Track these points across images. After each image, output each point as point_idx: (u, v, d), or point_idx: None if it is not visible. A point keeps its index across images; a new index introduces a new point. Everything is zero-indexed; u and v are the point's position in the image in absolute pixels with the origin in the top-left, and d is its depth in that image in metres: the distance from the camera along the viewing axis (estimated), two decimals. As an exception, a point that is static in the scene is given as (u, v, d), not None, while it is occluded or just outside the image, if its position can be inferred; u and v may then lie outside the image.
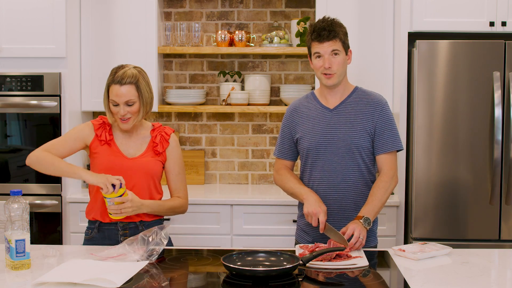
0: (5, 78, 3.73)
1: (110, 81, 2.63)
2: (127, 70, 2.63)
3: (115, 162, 2.65)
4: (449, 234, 3.49)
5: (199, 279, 2.25)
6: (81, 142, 2.69)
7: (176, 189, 2.77)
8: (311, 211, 2.56)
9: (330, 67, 2.61)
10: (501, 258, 2.51)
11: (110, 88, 2.62)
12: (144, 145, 2.72)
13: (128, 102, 2.60)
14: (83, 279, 2.03)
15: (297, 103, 2.82)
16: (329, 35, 2.60)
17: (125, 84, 2.59)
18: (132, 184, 2.64)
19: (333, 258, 2.32)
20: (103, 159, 2.66)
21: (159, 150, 2.71)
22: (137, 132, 2.73)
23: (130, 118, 2.63)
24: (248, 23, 4.26)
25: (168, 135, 2.75)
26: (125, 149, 2.70)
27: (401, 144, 2.73)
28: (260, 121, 4.28)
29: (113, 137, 2.71)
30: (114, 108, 2.63)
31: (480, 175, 3.47)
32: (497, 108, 3.40)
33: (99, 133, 2.69)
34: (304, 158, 2.76)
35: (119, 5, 3.94)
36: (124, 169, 2.64)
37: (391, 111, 3.80)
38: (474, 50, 3.45)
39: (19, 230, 2.22)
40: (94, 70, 3.95)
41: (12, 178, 3.78)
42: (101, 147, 2.68)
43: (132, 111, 2.62)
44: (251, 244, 3.64)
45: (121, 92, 2.59)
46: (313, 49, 2.65)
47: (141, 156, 2.69)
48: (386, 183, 2.64)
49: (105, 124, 2.72)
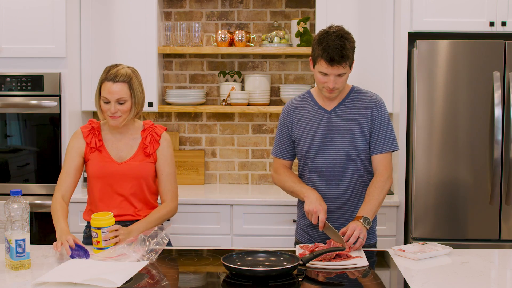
0: (5, 78, 3.73)
1: (103, 78, 2.63)
2: (120, 68, 2.63)
3: (105, 169, 2.66)
4: (449, 234, 3.50)
5: (199, 279, 2.25)
6: (79, 156, 2.71)
7: (165, 191, 2.74)
8: (311, 209, 2.56)
9: (334, 87, 2.60)
10: (501, 258, 2.51)
11: (102, 85, 2.63)
12: (135, 147, 2.72)
13: (119, 100, 2.60)
14: (83, 279, 2.03)
15: (294, 103, 2.80)
16: (340, 60, 2.52)
17: (118, 82, 2.60)
18: (124, 189, 2.65)
19: (333, 258, 2.32)
20: (94, 166, 2.68)
21: (149, 151, 2.70)
22: (128, 133, 2.73)
23: (120, 116, 2.63)
24: (248, 23, 4.26)
25: (158, 136, 2.73)
26: (115, 153, 2.70)
27: (397, 145, 2.73)
28: (260, 121, 4.28)
29: (103, 142, 2.71)
30: (104, 105, 2.63)
31: (480, 175, 3.47)
32: (497, 108, 3.40)
33: (88, 140, 2.70)
34: (302, 160, 2.75)
35: (119, 5, 3.94)
36: (115, 175, 2.65)
37: (391, 110, 3.84)
38: (474, 50, 3.45)
39: (19, 230, 2.22)
40: (94, 70, 3.95)
41: (12, 178, 3.78)
42: (92, 154, 2.69)
43: (123, 109, 2.62)
44: (251, 244, 3.64)
45: (113, 89, 2.59)
46: (319, 66, 2.57)
47: (131, 159, 2.69)
48: (382, 183, 2.64)
49: (94, 129, 2.73)
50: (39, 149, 3.78)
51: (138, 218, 2.67)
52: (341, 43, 2.53)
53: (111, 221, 2.46)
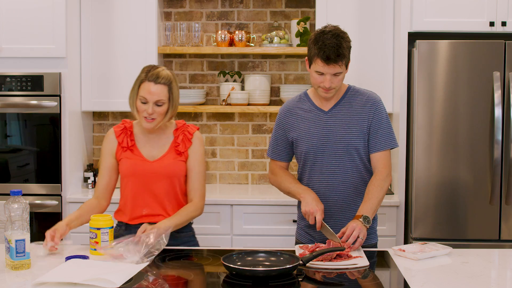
0: (5, 78, 3.73)
1: (143, 78, 2.60)
2: (161, 70, 2.61)
3: (136, 167, 2.65)
4: (449, 234, 3.49)
5: (199, 279, 2.25)
6: (112, 157, 2.72)
7: (193, 190, 2.72)
8: (308, 210, 2.56)
9: (330, 86, 2.60)
10: (501, 258, 2.51)
11: (142, 85, 2.60)
12: (167, 145, 2.70)
13: (158, 102, 2.59)
14: (83, 279, 2.03)
15: (290, 104, 2.79)
16: (337, 59, 2.52)
17: (159, 83, 2.58)
18: (156, 187, 2.64)
19: (334, 258, 2.32)
20: (126, 165, 2.67)
21: (180, 150, 2.69)
22: (160, 132, 2.71)
23: (155, 119, 2.61)
24: (248, 23, 4.26)
25: (191, 135, 2.72)
26: (147, 152, 2.68)
27: (396, 142, 2.71)
28: (260, 121, 4.28)
29: (135, 141, 2.70)
30: (141, 105, 2.60)
31: (480, 175, 3.47)
32: (497, 108, 3.40)
33: (120, 139, 2.69)
34: (301, 161, 2.75)
35: (119, 5, 3.94)
36: (146, 173, 2.64)
37: (391, 110, 3.84)
38: (474, 50, 3.45)
39: (19, 230, 2.22)
40: (94, 70, 3.95)
41: (12, 178, 3.78)
42: (124, 153, 2.69)
43: (159, 111, 2.60)
44: (251, 244, 3.64)
45: (153, 90, 2.57)
46: (315, 65, 2.58)
47: (163, 157, 2.67)
48: (382, 181, 2.64)
49: (126, 128, 2.72)
50: (39, 149, 3.78)
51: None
52: (337, 42, 2.52)
53: (110, 222, 2.46)
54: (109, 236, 2.44)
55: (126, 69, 3.93)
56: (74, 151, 3.88)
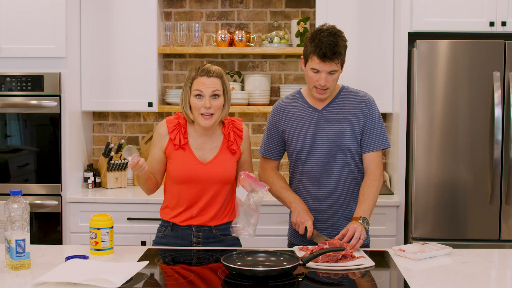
0: (5, 78, 3.73)
1: (195, 75, 2.57)
2: (210, 66, 2.59)
3: (191, 171, 2.60)
4: (449, 234, 3.50)
5: (199, 279, 2.25)
6: (161, 151, 2.66)
7: None
8: (299, 220, 2.59)
9: (325, 84, 2.60)
10: (501, 258, 2.51)
11: (194, 81, 2.57)
12: (218, 144, 2.66)
13: (214, 92, 2.55)
14: (83, 279, 2.03)
15: (283, 102, 2.79)
16: (333, 57, 2.53)
17: (212, 76, 2.56)
18: (207, 191, 2.61)
19: (339, 259, 2.32)
20: (177, 166, 2.61)
21: (234, 148, 2.66)
22: (212, 131, 2.66)
23: (213, 115, 2.56)
24: (248, 23, 4.26)
25: (240, 130, 2.69)
26: (200, 154, 2.63)
27: (388, 142, 2.72)
28: (260, 121, 4.28)
29: (188, 140, 2.64)
30: (197, 101, 2.56)
31: (480, 175, 3.47)
32: (497, 108, 3.40)
33: (173, 136, 2.63)
34: (293, 159, 2.74)
35: (119, 5, 3.94)
36: (201, 179, 2.60)
37: (391, 110, 3.84)
38: (474, 50, 3.45)
39: (19, 230, 2.22)
40: (94, 70, 3.95)
41: (12, 178, 3.78)
42: (175, 152, 2.62)
43: (216, 105, 2.56)
44: (251, 244, 3.63)
45: (208, 83, 2.55)
46: (311, 62, 2.58)
47: (216, 158, 2.63)
48: (375, 182, 2.65)
49: (180, 125, 2.65)
50: (39, 149, 3.78)
51: (216, 224, 2.64)
52: (333, 40, 2.54)
53: (110, 222, 2.46)
54: (109, 236, 2.44)
55: (126, 69, 3.94)
56: (74, 151, 3.88)
